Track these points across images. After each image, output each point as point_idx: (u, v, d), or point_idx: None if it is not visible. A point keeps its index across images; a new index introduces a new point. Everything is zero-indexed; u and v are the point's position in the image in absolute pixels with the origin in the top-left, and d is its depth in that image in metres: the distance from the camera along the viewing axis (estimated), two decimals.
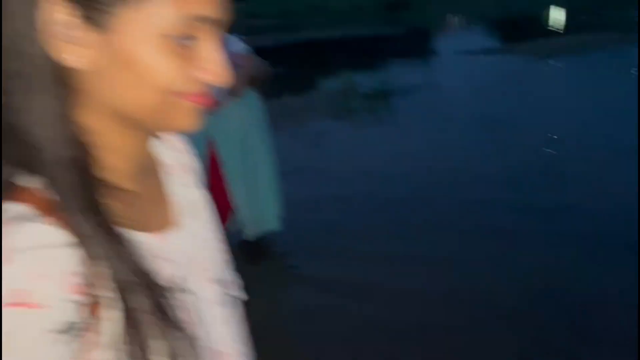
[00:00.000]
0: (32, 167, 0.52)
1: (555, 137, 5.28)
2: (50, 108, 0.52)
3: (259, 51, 3.32)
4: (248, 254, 3.23)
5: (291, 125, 6.58)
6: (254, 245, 3.32)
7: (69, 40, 0.52)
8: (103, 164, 0.57)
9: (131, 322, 0.53)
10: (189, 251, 0.68)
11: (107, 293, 0.52)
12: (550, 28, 13.10)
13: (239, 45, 3.14)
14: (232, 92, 2.93)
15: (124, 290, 0.53)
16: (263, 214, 3.22)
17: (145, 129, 0.59)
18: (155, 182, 0.69)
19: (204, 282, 0.71)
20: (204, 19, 0.54)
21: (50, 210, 0.51)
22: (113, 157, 0.59)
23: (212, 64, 0.56)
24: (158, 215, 0.66)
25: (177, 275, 0.62)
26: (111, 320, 0.52)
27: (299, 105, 7.73)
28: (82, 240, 0.51)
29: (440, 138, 5.60)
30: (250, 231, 3.24)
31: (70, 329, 0.49)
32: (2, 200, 0.50)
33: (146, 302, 0.54)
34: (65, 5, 0.51)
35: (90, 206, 0.52)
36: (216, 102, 2.94)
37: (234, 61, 3.01)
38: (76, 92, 0.54)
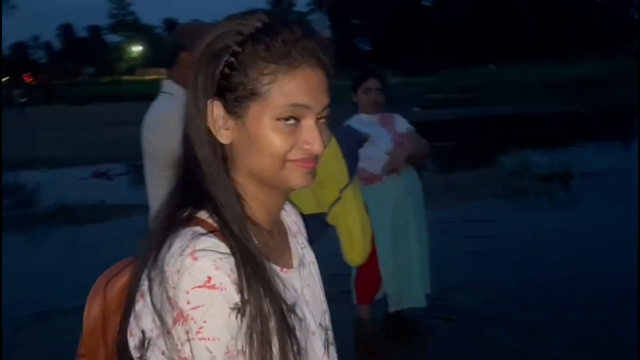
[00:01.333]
0: (209, 207, 0.77)
1: None
2: (222, 177, 0.78)
3: (437, 125, 3.46)
4: (392, 326, 3.25)
5: (460, 201, 6.54)
6: (399, 318, 3.35)
7: (220, 126, 0.77)
8: (251, 210, 0.80)
9: (259, 322, 0.72)
10: (300, 292, 0.85)
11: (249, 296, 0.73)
12: None
13: (402, 125, 3.32)
14: (390, 169, 3.10)
15: (260, 291, 0.73)
16: (410, 289, 3.25)
17: (275, 186, 0.80)
18: (284, 234, 0.90)
19: (310, 321, 0.85)
20: (303, 107, 0.75)
21: (216, 232, 0.74)
22: (257, 205, 0.81)
23: (310, 139, 0.76)
24: (284, 257, 0.86)
25: (294, 302, 0.81)
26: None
27: (471, 181, 7.64)
28: (235, 252, 0.73)
29: (622, 228, 5.06)
30: (395, 304, 3.29)
31: (236, 308, 0.71)
32: (187, 226, 0.74)
33: (273, 309, 0.74)
34: (217, 105, 0.77)
35: (244, 232, 0.76)
36: (374, 177, 3.12)
37: (396, 140, 3.20)
38: (231, 162, 0.79)
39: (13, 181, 10.22)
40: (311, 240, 0.98)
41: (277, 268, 0.81)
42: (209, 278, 0.70)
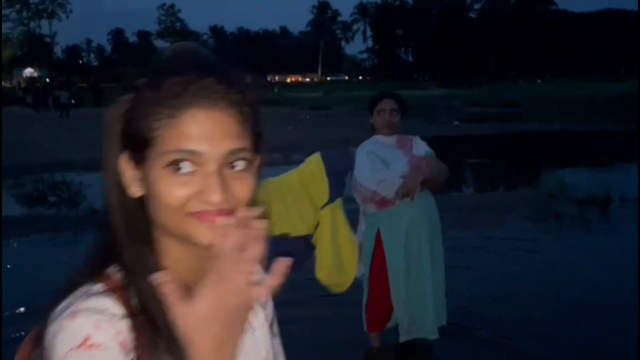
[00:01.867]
0: (116, 261, 0.72)
1: None
2: (128, 234, 0.72)
3: (475, 139, 3.34)
4: (403, 357, 3.13)
5: (487, 223, 6.32)
6: (409, 348, 3.22)
7: (130, 179, 0.72)
8: (165, 266, 0.72)
9: None
10: None
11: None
12: None
13: (421, 148, 3.20)
14: (403, 193, 2.99)
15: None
16: (422, 319, 3.11)
17: (192, 243, 0.70)
18: None
19: None
20: (191, 152, 0.67)
21: (117, 290, 0.69)
22: (179, 266, 0.73)
23: (207, 188, 0.67)
24: None
25: None
26: None
27: (499, 202, 7.40)
28: (135, 314, 0.67)
29: None
30: (406, 334, 3.16)
31: None
32: (90, 282, 0.69)
33: None
34: (124, 157, 0.72)
35: (152, 291, 0.68)
36: (387, 201, 3.02)
37: (413, 163, 3.08)
38: (151, 218, 0.72)
39: (52, 182, 10.51)
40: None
41: None
42: (87, 338, 0.63)
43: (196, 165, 0.67)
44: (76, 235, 6.53)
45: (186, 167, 0.67)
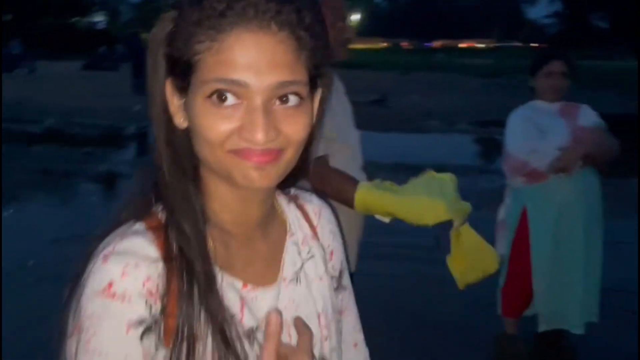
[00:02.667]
0: (163, 200, 0.68)
1: None
2: (174, 167, 0.67)
3: None
4: (541, 349, 2.82)
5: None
6: (550, 339, 2.89)
7: (175, 109, 0.66)
8: (214, 209, 0.69)
9: (189, 348, 0.62)
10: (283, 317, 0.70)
11: (177, 311, 0.62)
12: None
13: (589, 118, 2.78)
14: (559, 167, 2.62)
15: (190, 316, 0.62)
16: (566, 310, 2.76)
17: (230, 182, 0.65)
18: (276, 242, 0.76)
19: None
20: (234, 83, 0.59)
21: (158, 230, 0.65)
22: (219, 205, 0.69)
23: (249, 125, 0.60)
24: (259, 270, 0.72)
25: (255, 326, 0.69)
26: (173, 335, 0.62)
27: None
28: (170, 258, 0.63)
29: None
30: (546, 323, 2.83)
31: (141, 324, 0.61)
32: (136, 220, 0.66)
33: (212, 333, 0.63)
34: (169, 84, 0.66)
35: (196, 233, 0.65)
36: (539, 174, 2.67)
37: (575, 134, 2.68)
38: (195, 153, 0.67)
39: None
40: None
41: (239, 283, 0.69)
42: (111, 284, 0.61)
43: (240, 97, 0.60)
44: None
45: (230, 98, 0.60)
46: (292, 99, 0.62)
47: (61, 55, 27.73)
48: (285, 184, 0.74)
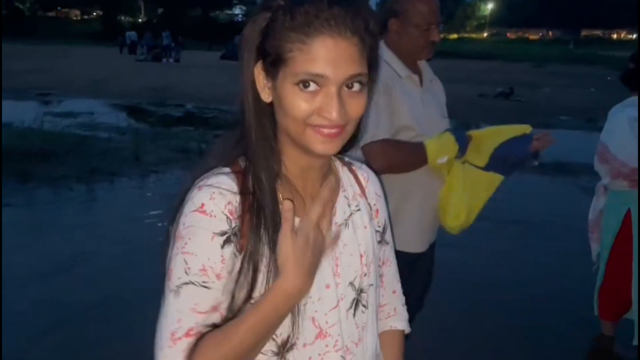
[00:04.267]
0: (244, 154, 0.88)
1: None
2: (257, 129, 0.87)
3: None
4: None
5: None
6: None
7: (263, 86, 0.86)
8: (285, 166, 0.90)
9: (254, 264, 0.82)
10: (333, 250, 0.90)
11: (248, 234, 0.83)
12: None
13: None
14: None
15: (256, 240, 0.83)
16: None
17: (304, 149, 0.85)
18: (331, 193, 0.91)
19: (334, 280, 0.90)
20: (318, 76, 0.79)
21: (239, 173, 0.86)
22: (290, 163, 0.90)
23: (326, 106, 0.80)
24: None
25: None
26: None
27: None
28: (246, 192, 0.84)
29: None
30: (638, 337, 2.72)
31: (222, 235, 0.81)
32: (225, 166, 0.87)
33: (270, 258, 0.82)
34: (259, 67, 0.85)
35: (267, 178, 0.85)
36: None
37: None
38: (275, 121, 0.88)
39: None
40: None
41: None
42: (202, 205, 0.82)
43: (320, 85, 0.79)
44: None
45: (312, 86, 0.79)
46: (356, 86, 0.81)
47: (203, 46, 29.83)
48: (341, 151, 0.92)
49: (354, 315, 0.93)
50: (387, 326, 1.09)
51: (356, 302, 0.93)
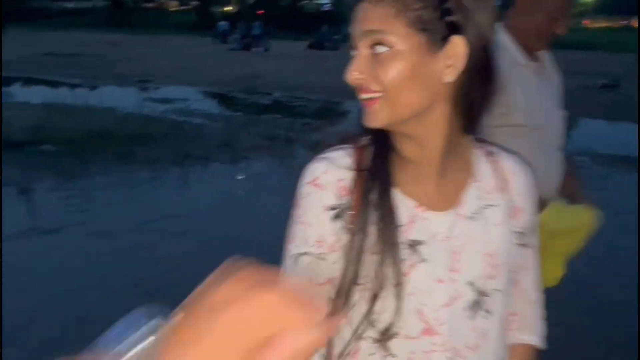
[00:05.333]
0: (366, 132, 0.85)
1: None
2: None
3: None
4: None
5: None
6: None
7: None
8: (402, 144, 0.83)
9: (361, 237, 0.80)
10: (448, 241, 0.83)
11: (358, 209, 0.81)
12: None
13: None
14: None
15: (365, 214, 0.80)
16: None
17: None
18: (461, 181, 0.86)
19: (449, 275, 0.83)
20: (356, 34, 0.77)
21: (358, 151, 0.85)
22: (406, 140, 0.82)
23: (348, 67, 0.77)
24: (434, 198, 0.84)
25: (420, 240, 0.82)
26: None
27: None
28: (359, 168, 0.82)
29: None
30: None
31: (333, 209, 0.82)
32: (345, 143, 0.86)
33: (381, 231, 0.79)
34: None
35: (383, 158, 0.83)
36: None
37: None
38: None
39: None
40: None
41: (412, 202, 0.83)
42: (316, 178, 0.83)
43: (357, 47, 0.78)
44: None
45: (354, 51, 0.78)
46: (379, 48, 0.74)
47: (291, 35, 30.35)
48: (473, 132, 0.85)
49: (472, 318, 0.84)
50: (517, 339, 0.97)
51: (476, 305, 0.84)
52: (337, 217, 0.81)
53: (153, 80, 13.94)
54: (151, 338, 0.35)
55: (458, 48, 0.75)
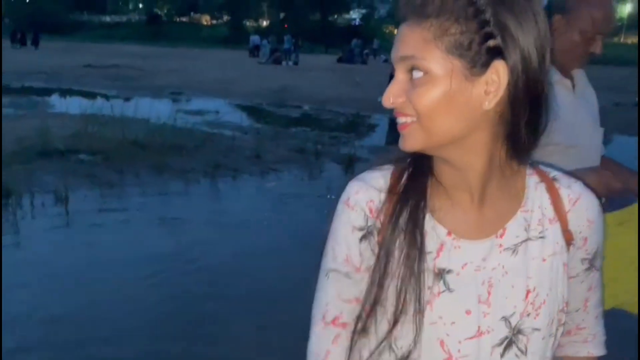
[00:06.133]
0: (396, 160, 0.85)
1: None
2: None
3: None
4: None
5: None
6: None
7: None
8: (439, 169, 0.81)
9: (386, 261, 0.79)
10: (481, 272, 0.80)
11: (386, 231, 0.80)
12: None
13: None
14: None
15: (393, 238, 0.79)
16: None
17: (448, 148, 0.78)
18: (506, 210, 0.82)
19: (479, 307, 0.79)
20: (394, 58, 0.76)
21: (396, 173, 0.83)
22: (442, 166, 0.80)
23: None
24: (470, 226, 0.81)
25: (447, 269, 0.80)
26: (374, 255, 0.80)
27: None
28: (392, 192, 0.81)
29: None
30: None
31: (361, 230, 0.81)
32: (389, 163, 0.84)
33: (406, 256, 0.78)
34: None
35: (417, 183, 0.82)
36: None
37: None
38: None
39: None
40: None
41: (443, 230, 0.81)
42: (348, 198, 0.83)
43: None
44: None
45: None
46: (415, 74, 0.73)
47: (321, 49, 30.57)
48: (521, 159, 0.81)
49: (502, 355, 0.80)
50: (585, 352, 0.95)
51: (509, 342, 0.80)
52: (364, 237, 0.81)
53: (186, 92, 14.25)
54: None
55: (499, 74, 0.72)
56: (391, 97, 0.75)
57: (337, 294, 0.83)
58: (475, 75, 0.72)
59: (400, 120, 0.76)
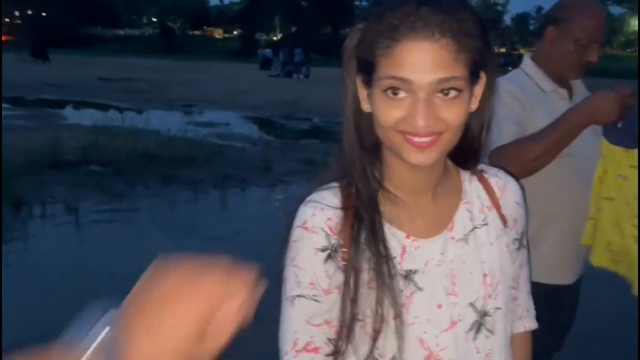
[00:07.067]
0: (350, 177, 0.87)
1: None
2: (354, 140, 0.86)
3: None
4: None
5: None
6: None
7: (362, 97, 0.83)
8: (389, 176, 0.86)
9: (356, 276, 0.81)
10: (442, 265, 0.85)
11: (349, 248, 0.82)
12: None
13: None
14: None
15: (357, 253, 0.82)
16: None
17: (399, 157, 0.81)
18: (448, 205, 0.89)
19: (448, 299, 0.84)
20: (402, 80, 0.75)
21: (343, 188, 0.86)
22: (392, 174, 0.86)
23: (412, 112, 0.76)
24: (423, 226, 0.87)
25: (413, 270, 0.83)
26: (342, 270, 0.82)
27: None
28: (347, 208, 0.84)
29: None
30: None
31: (324, 251, 0.82)
32: (333, 181, 0.86)
33: (374, 266, 0.80)
34: (358, 77, 0.84)
35: (368, 193, 0.84)
36: None
37: None
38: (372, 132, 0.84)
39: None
40: None
41: (402, 234, 0.85)
42: (305, 221, 0.84)
43: (408, 92, 0.75)
44: None
45: (402, 93, 0.76)
46: (452, 93, 0.75)
47: (331, 63, 30.66)
48: (466, 165, 0.89)
49: (474, 338, 0.86)
50: (522, 327, 1.00)
51: (478, 326, 0.86)
52: (329, 257, 0.82)
53: (197, 104, 14.36)
54: (107, 329, 0.42)
55: (482, 82, 0.82)
56: (428, 119, 0.75)
57: (306, 320, 0.83)
58: (473, 85, 0.80)
59: (427, 139, 0.77)
